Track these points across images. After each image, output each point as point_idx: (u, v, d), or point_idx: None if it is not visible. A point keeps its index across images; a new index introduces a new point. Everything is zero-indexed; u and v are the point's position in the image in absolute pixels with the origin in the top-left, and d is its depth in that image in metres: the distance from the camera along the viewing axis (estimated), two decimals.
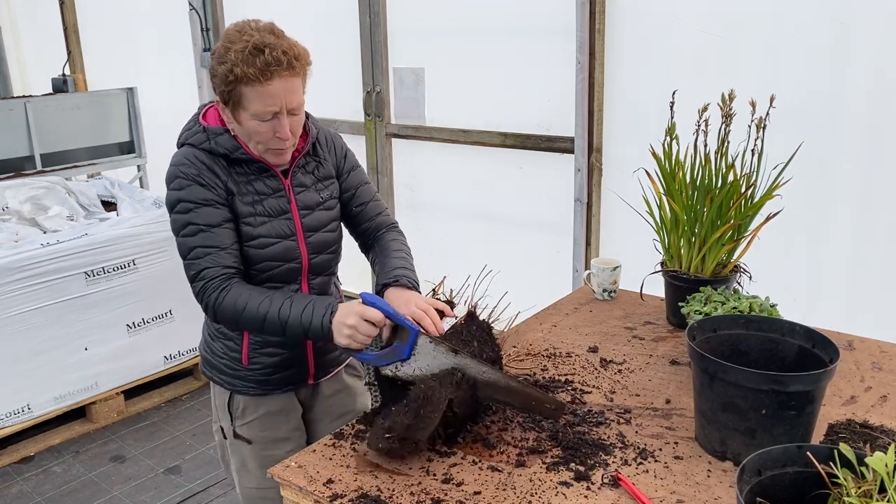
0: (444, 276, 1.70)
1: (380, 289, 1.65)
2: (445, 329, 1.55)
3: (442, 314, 1.57)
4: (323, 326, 1.51)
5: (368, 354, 1.50)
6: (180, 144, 1.66)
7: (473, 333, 1.55)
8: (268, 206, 1.66)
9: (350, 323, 1.47)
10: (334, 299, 1.57)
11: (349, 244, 1.90)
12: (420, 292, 1.65)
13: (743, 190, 1.83)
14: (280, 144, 1.59)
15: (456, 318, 1.59)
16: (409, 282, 1.64)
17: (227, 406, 1.83)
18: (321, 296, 1.63)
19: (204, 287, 1.58)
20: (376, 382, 1.55)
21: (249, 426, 1.82)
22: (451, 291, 1.68)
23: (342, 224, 1.86)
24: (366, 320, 1.47)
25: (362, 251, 1.90)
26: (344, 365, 1.94)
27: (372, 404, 2.05)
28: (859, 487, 1.00)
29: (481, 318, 1.59)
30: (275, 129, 1.56)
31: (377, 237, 1.84)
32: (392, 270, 1.67)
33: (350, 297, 4.76)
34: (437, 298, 1.62)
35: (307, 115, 1.72)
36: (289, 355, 1.77)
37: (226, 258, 1.59)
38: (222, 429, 1.87)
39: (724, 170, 1.84)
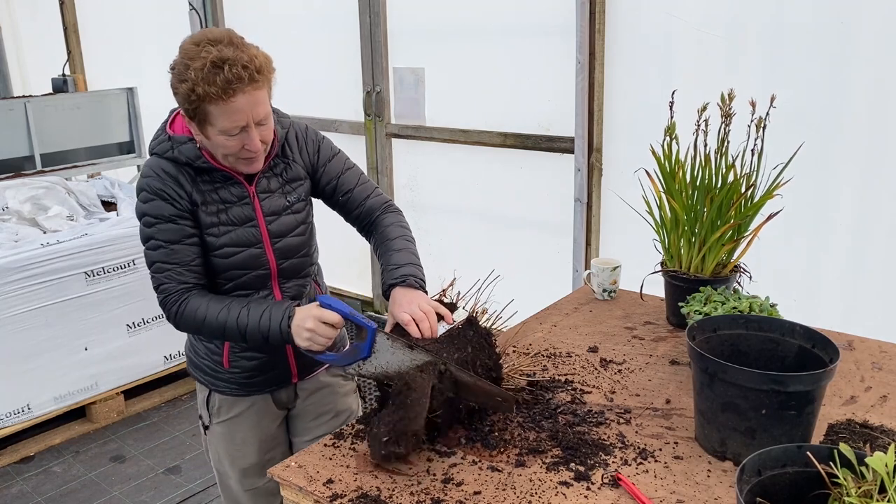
0: (455, 278, 1.68)
1: (386, 289, 1.64)
2: (441, 332, 1.54)
3: (441, 318, 1.56)
4: (282, 331, 1.53)
5: (330, 356, 1.52)
6: (150, 152, 1.66)
7: (469, 339, 1.53)
8: (232, 215, 1.65)
9: (308, 326, 1.49)
10: (291, 303, 1.56)
11: (350, 242, 1.89)
12: (426, 292, 1.64)
13: (743, 190, 1.83)
14: (250, 155, 1.57)
15: (454, 322, 1.58)
16: (417, 282, 1.62)
17: (206, 403, 1.86)
18: (278, 301, 1.61)
19: (164, 301, 1.64)
20: (374, 386, 1.55)
21: (222, 426, 1.85)
22: (459, 294, 1.67)
23: (339, 214, 1.85)
24: (324, 323, 1.48)
25: (363, 236, 1.87)
26: (326, 365, 1.92)
27: (365, 406, 2.05)
28: (859, 487, 1.00)
29: (484, 323, 1.58)
30: (243, 142, 1.54)
31: (375, 221, 1.80)
32: (398, 269, 1.64)
33: (340, 295, 4.70)
34: (442, 300, 1.62)
35: (274, 114, 1.69)
36: (268, 358, 1.78)
37: (185, 275, 1.62)
38: (202, 422, 1.91)
39: (724, 170, 1.84)
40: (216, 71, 1.44)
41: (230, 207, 1.65)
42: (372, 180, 1.86)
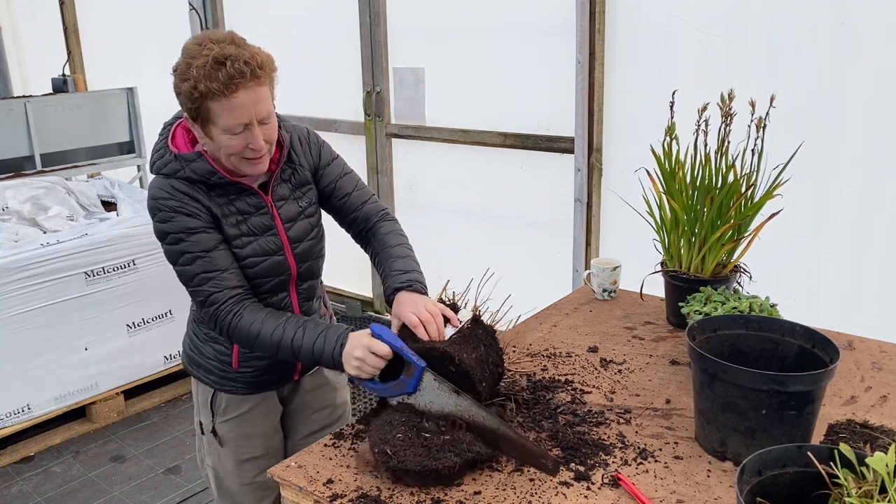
0: (448, 281, 1.69)
1: (390, 293, 1.64)
2: (448, 335, 1.54)
3: (447, 321, 1.56)
4: (334, 358, 1.52)
5: (376, 384, 1.51)
6: (155, 171, 1.64)
7: (480, 337, 1.53)
8: (252, 225, 1.65)
9: (357, 355, 1.47)
10: (345, 329, 1.55)
11: (350, 243, 1.89)
12: (428, 296, 1.65)
13: (743, 190, 1.83)
14: (254, 154, 1.56)
15: (461, 323, 1.58)
16: (422, 287, 1.64)
17: (209, 403, 1.85)
18: (333, 325, 1.60)
19: (216, 312, 1.59)
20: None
21: (228, 423, 1.85)
22: (455, 294, 1.67)
23: (334, 218, 1.85)
24: (373, 353, 1.47)
25: (357, 242, 1.88)
26: None
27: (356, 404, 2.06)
28: (860, 488, 1.00)
29: (485, 321, 1.58)
30: (247, 141, 1.53)
31: (371, 229, 1.81)
32: (403, 274, 1.65)
33: (341, 295, 4.71)
34: (444, 302, 1.62)
35: (278, 120, 1.68)
36: (278, 358, 1.78)
37: (230, 279, 1.59)
38: (201, 424, 1.90)
39: (724, 170, 1.84)
40: (218, 67, 1.45)
41: (249, 218, 1.65)
42: (369, 187, 1.87)
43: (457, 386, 1.45)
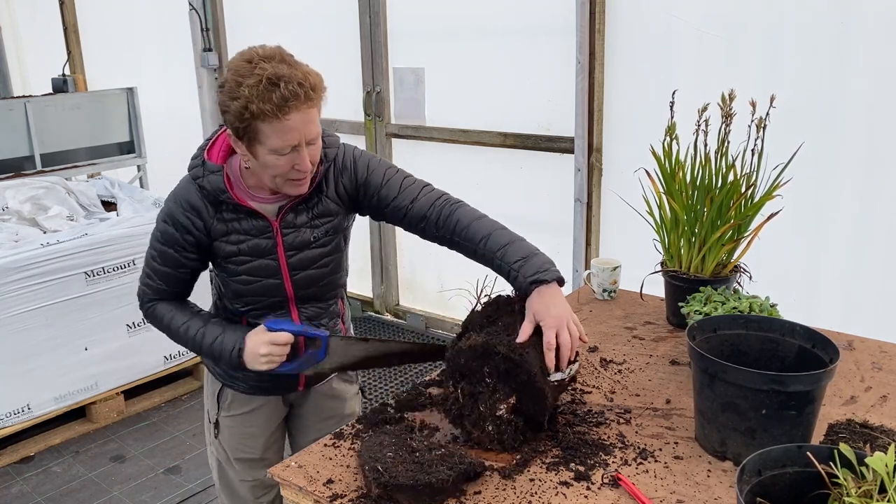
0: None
1: (530, 283, 1.48)
2: (556, 378, 1.45)
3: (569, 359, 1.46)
4: (232, 360, 1.60)
5: (287, 366, 1.60)
6: (188, 168, 1.64)
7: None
8: (251, 246, 1.64)
9: (264, 352, 1.56)
10: (243, 333, 1.61)
11: (351, 243, 1.87)
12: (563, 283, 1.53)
13: (743, 190, 1.83)
14: (299, 175, 1.54)
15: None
16: (560, 275, 1.51)
17: (216, 395, 1.87)
18: (233, 326, 1.65)
19: (139, 294, 1.74)
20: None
21: (231, 419, 1.86)
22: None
23: (399, 227, 1.76)
24: (275, 344, 1.55)
25: (435, 242, 1.76)
26: (333, 375, 1.92)
27: (364, 404, 2.05)
28: (859, 487, 1.00)
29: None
30: (293, 162, 1.50)
31: (441, 224, 1.68)
32: (529, 260, 1.52)
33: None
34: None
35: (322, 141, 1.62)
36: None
37: (165, 291, 1.71)
38: (208, 413, 1.92)
39: (724, 170, 1.84)
40: (272, 88, 1.41)
41: (250, 239, 1.64)
42: (420, 180, 1.72)
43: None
